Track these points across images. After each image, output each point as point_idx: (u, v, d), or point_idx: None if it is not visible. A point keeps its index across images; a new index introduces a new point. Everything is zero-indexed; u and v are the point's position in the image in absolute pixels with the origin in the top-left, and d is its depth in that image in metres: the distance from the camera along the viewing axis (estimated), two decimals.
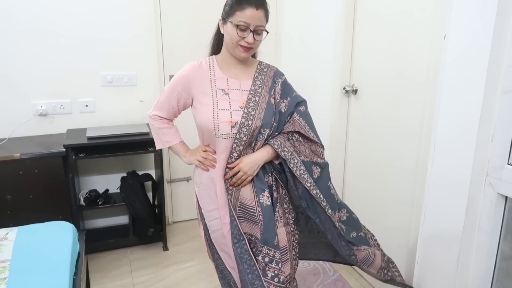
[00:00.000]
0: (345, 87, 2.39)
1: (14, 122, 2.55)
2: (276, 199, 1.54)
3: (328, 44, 2.47)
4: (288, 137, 1.54)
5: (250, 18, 1.37)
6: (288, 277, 1.53)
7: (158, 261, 2.65)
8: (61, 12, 2.55)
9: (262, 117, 1.46)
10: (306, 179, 1.50)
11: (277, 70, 1.60)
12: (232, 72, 1.52)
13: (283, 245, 1.52)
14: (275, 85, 1.54)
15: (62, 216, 2.30)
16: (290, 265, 1.54)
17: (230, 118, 1.44)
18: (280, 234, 1.51)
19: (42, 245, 1.76)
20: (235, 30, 1.39)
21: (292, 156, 1.50)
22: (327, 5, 2.45)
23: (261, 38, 1.43)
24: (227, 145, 1.47)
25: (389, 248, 2.20)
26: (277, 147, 1.48)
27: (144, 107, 2.87)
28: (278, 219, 1.52)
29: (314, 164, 1.56)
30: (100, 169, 2.86)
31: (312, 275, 2.40)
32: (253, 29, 1.38)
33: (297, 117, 1.55)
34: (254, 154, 1.49)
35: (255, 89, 1.50)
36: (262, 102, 1.48)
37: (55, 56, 2.59)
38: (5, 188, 2.24)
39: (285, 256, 1.53)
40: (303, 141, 1.56)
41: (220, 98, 1.47)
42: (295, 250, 1.58)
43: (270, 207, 1.49)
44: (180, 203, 3.15)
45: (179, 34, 2.86)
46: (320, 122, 2.58)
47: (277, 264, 1.47)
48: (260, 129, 1.47)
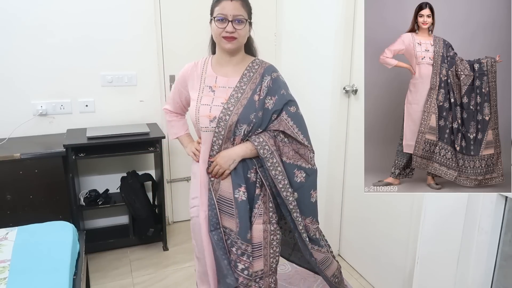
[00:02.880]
0: (345, 87, 2.39)
1: (14, 122, 2.55)
2: (257, 196, 1.57)
3: (328, 44, 2.47)
4: (273, 136, 1.56)
5: (226, 10, 1.47)
6: (260, 273, 1.58)
7: (158, 261, 2.65)
8: (61, 12, 2.55)
9: (239, 113, 1.51)
10: (280, 180, 1.53)
11: (268, 67, 1.61)
12: (223, 70, 1.59)
13: (258, 241, 1.57)
14: (263, 82, 1.56)
15: (62, 216, 2.30)
16: (263, 262, 1.59)
17: (209, 113, 1.53)
18: (256, 231, 1.56)
19: (42, 245, 1.76)
20: (215, 23, 1.51)
21: (272, 155, 1.52)
22: (327, 5, 2.45)
23: (242, 27, 1.50)
24: (208, 138, 1.56)
25: (389, 248, 2.20)
26: (257, 144, 1.52)
27: (144, 107, 2.87)
28: (256, 215, 1.56)
29: (298, 167, 1.57)
30: (100, 169, 2.86)
31: (312, 275, 2.40)
32: (232, 19, 1.48)
33: (285, 116, 1.56)
34: (231, 149, 1.54)
35: (240, 86, 1.56)
36: (243, 98, 1.54)
37: (55, 56, 2.59)
38: (5, 188, 2.24)
39: (258, 252, 1.58)
40: (288, 142, 1.57)
41: (205, 94, 1.57)
42: (273, 248, 1.60)
43: (245, 202, 1.54)
44: (180, 203, 3.15)
45: (179, 34, 2.86)
46: (320, 122, 2.60)
47: (248, 257, 1.55)
48: (237, 125, 1.51)
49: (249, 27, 1.57)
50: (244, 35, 1.54)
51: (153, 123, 2.87)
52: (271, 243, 1.60)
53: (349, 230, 2.59)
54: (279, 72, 1.63)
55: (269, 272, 1.62)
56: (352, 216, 2.54)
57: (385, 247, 2.24)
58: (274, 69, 1.62)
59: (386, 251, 2.23)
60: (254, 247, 1.56)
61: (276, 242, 1.61)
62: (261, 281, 1.59)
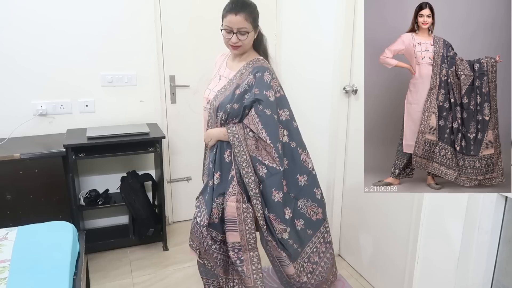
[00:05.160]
0: (345, 87, 2.39)
1: (14, 122, 2.54)
2: (232, 177, 1.79)
3: (328, 44, 2.47)
4: (244, 127, 1.76)
5: (231, 23, 1.70)
6: (237, 244, 1.80)
7: (158, 261, 2.65)
8: (61, 12, 2.54)
9: (220, 101, 1.78)
10: (244, 167, 1.75)
11: (256, 67, 1.77)
12: (231, 64, 1.89)
13: (232, 216, 1.79)
14: (246, 79, 1.75)
15: (62, 216, 2.30)
16: (240, 236, 1.79)
17: (207, 96, 1.87)
18: (230, 207, 1.78)
19: (42, 245, 1.76)
20: (223, 33, 1.75)
21: (240, 144, 1.74)
22: (327, 5, 2.45)
23: (245, 37, 1.73)
24: (206, 116, 1.90)
25: (389, 247, 2.20)
26: (229, 131, 1.75)
27: (144, 107, 2.87)
28: (230, 194, 1.78)
29: (260, 163, 1.75)
30: (100, 169, 2.86)
31: None
32: (236, 31, 1.71)
33: (252, 113, 1.73)
34: (213, 130, 1.82)
35: (231, 79, 1.82)
36: (228, 90, 1.79)
37: (55, 56, 2.59)
38: (5, 188, 2.24)
39: (234, 226, 1.80)
40: (251, 136, 1.75)
41: (214, 80, 1.91)
42: (248, 225, 1.80)
43: (212, 172, 1.82)
44: (180, 203, 3.15)
45: (179, 34, 2.86)
46: (320, 122, 2.60)
47: (199, 211, 1.84)
48: (218, 110, 1.79)
49: (255, 33, 1.78)
50: (248, 42, 1.77)
51: (153, 123, 2.87)
52: (246, 220, 1.79)
53: (349, 230, 2.59)
54: (265, 73, 1.75)
55: (248, 247, 1.82)
56: (352, 216, 2.54)
57: (385, 247, 2.24)
58: (262, 69, 1.75)
59: (386, 251, 2.23)
60: (229, 221, 1.79)
61: (250, 220, 1.80)
62: (240, 252, 1.81)
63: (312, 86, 2.67)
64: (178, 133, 3.00)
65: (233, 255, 1.81)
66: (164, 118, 2.95)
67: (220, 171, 1.80)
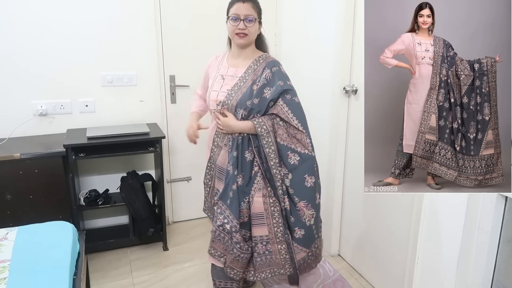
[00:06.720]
0: (345, 87, 2.39)
1: (14, 122, 2.54)
2: (256, 173, 1.80)
3: (328, 44, 2.47)
4: (271, 118, 1.76)
5: (239, 10, 1.72)
6: (265, 238, 1.83)
7: (158, 261, 2.65)
8: (61, 12, 2.54)
9: (238, 99, 1.76)
10: (272, 158, 1.76)
11: (270, 61, 1.82)
12: (234, 62, 1.86)
13: (259, 211, 1.81)
14: (262, 74, 1.77)
15: (62, 216, 2.30)
16: (268, 229, 1.82)
17: (216, 98, 1.83)
18: (257, 203, 1.81)
19: (42, 245, 1.76)
20: (230, 22, 1.75)
21: (268, 134, 1.74)
22: (327, 5, 2.45)
23: (252, 25, 1.74)
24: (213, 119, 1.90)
25: (389, 247, 2.20)
26: (256, 123, 1.74)
27: (144, 107, 2.87)
28: (256, 189, 1.81)
29: (292, 150, 1.77)
30: (100, 169, 2.86)
31: (312, 275, 2.40)
32: (243, 18, 1.72)
33: (280, 102, 1.75)
34: (236, 122, 1.78)
35: (244, 76, 1.81)
36: (244, 87, 1.78)
37: (55, 56, 2.59)
38: (5, 188, 2.24)
39: (261, 220, 1.82)
40: (282, 125, 1.76)
41: (216, 81, 1.87)
42: (276, 219, 1.81)
43: (234, 175, 1.80)
44: (180, 203, 3.15)
45: (179, 34, 2.86)
46: (320, 122, 2.60)
47: (225, 218, 1.83)
48: (236, 109, 1.77)
49: (259, 26, 1.81)
50: (254, 32, 1.78)
51: (153, 123, 2.87)
52: (273, 214, 1.81)
53: (349, 230, 2.59)
54: (280, 66, 1.83)
55: (276, 240, 1.83)
56: (352, 216, 2.54)
57: (385, 247, 2.24)
58: (276, 63, 1.82)
59: (386, 251, 2.23)
60: (256, 216, 1.81)
61: (278, 213, 1.81)
62: (268, 245, 1.83)
63: (312, 86, 2.67)
64: (178, 133, 3.00)
65: (261, 247, 1.83)
66: (164, 118, 2.95)
67: (243, 172, 1.80)
